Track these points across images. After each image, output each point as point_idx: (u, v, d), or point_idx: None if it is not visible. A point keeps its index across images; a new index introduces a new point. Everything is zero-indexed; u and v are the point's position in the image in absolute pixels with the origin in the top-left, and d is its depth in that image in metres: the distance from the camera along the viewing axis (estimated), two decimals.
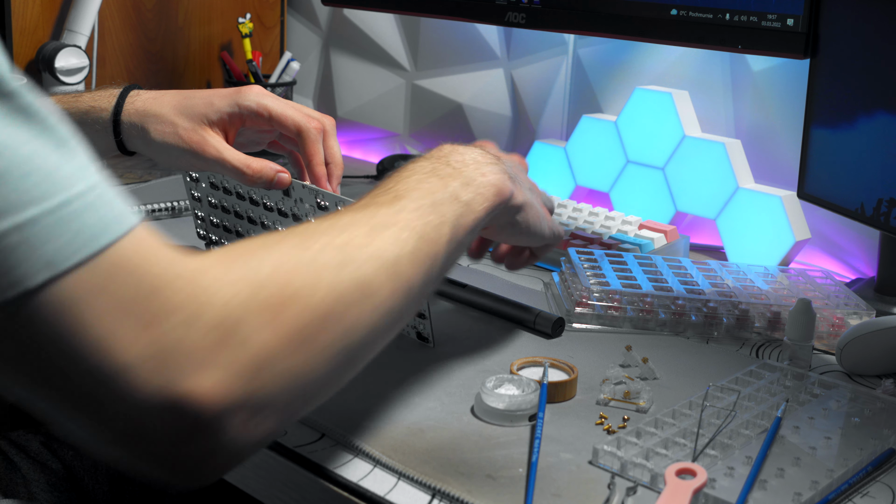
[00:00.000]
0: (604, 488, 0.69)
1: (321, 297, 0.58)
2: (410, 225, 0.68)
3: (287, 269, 0.57)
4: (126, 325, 0.50)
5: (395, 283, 0.64)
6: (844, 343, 0.90)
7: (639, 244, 1.17)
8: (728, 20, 1.08)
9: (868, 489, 0.71)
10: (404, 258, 0.66)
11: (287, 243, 0.60)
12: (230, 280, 0.54)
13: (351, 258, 0.62)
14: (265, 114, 0.98)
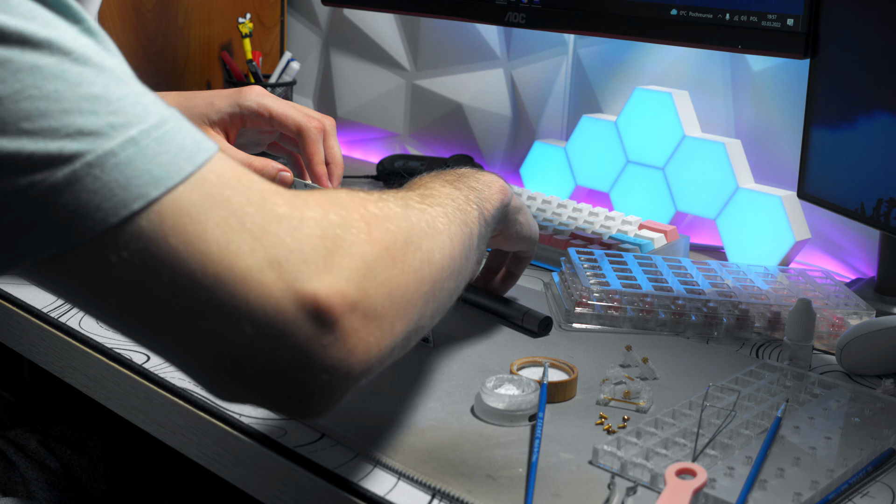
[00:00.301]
0: (604, 488, 0.69)
1: (398, 222, 0.62)
2: (446, 206, 0.72)
3: (365, 201, 0.61)
4: (241, 235, 0.51)
5: (452, 234, 0.69)
6: (844, 343, 0.90)
7: (639, 244, 1.17)
8: (728, 20, 1.08)
9: (868, 489, 0.71)
10: (453, 227, 0.70)
11: (387, 196, 0.65)
12: (322, 201, 0.57)
13: (410, 207, 0.66)
14: (266, 114, 0.98)
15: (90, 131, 0.48)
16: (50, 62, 0.48)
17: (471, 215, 0.76)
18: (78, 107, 0.48)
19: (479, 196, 0.80)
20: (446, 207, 0.73)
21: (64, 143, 0.47)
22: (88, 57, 0.49)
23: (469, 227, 0.74)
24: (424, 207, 0.69)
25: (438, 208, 0.71)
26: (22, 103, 0.47)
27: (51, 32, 0.48)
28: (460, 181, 0.81)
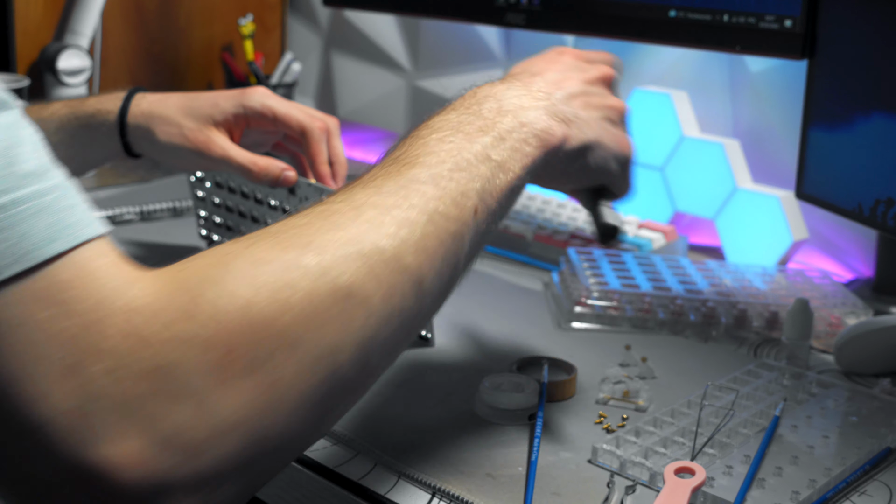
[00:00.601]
0: (603, 487, 0.70)
1: (286, 322, 0.49)
2: (420, 201, 0.58)
3: (244, 293, 0.48)
4: (47, 367, 0.43)
5: (395, 282, 0.55)
6: (842, 342, 0.91)
7: (638, 244, 1.18)
8: (726, 21, 1.08)
9: (865, 487, 0.72)
10: (409, 247, 0.56)
11: (251, 254, 0.51)
12: (172, 315, 0.46)
13: (331, 261, 0.52)
14: (270, 114, 0.98)
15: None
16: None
17: (464, 212, 0.60)
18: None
19: (493, 168, 0.63)
20: (428, 184, 0.59)
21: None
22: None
23: (454, 235, 0.59)
24: (371, 221, 0.55)
25: (405, 204, 0.57)
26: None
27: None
28: (475, 139, 0.64)
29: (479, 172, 0.62)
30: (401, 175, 0.60)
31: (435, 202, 0.59)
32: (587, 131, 0.72)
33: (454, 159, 0.62)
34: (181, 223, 1.26)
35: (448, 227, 0.59)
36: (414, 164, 0.61)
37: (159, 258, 1.17)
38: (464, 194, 0.60)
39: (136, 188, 1.40)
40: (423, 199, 0.58)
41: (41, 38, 1.51)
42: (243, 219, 1.09)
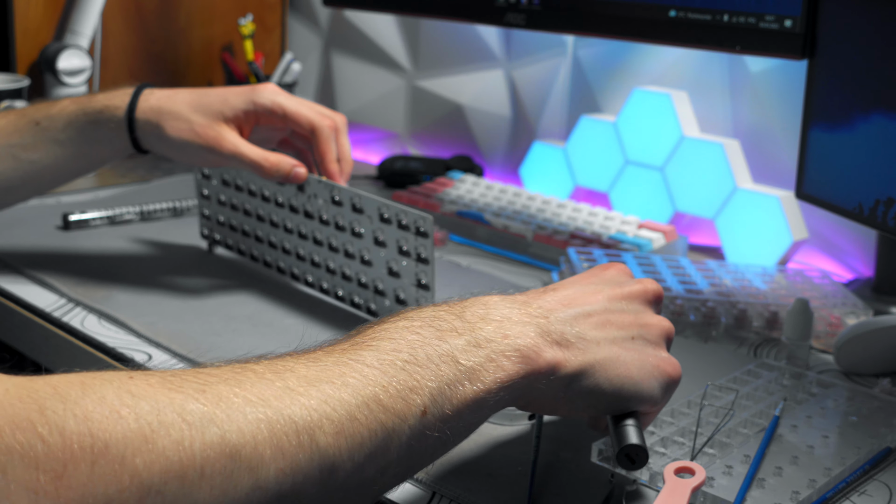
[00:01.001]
0: (603, 487, 0.70)
1: (142, 463, 0.43)
2: (359, 383, 0.52)
3: (99, 418, 0.43)
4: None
5: (299, 458, 0.48)
6: (842, 342, 0.91)
7: (638, 244, 1.18)
8: (726, 21, 1.08)
9: (865, 487, 0.72)
10: (328, 426, 0.49)
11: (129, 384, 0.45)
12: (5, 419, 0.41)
13: (222, 417, 0.46)
14: (280, 111, 0.98)
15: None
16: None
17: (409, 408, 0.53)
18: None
19: (459, 373, 0.56)
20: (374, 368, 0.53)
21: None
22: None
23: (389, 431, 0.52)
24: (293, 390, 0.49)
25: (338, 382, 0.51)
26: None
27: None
28: (446, 339, 0.57)
29: (439, 372, 0.55)
30: (345, 353, 0.54)
31: (375, 388, 0.52)
32: (593, 351, 0.63)
33: (414, 352, 0.55)
34: (181, 223, 1.26)
35: (385, 420, 0.52)
36: (366, 346, 0.55)
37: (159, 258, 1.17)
38: (413, 390, 0.54)
39: (136, 188, 1.40)
40: (363, 382, 0.52)
41: (41, 37, 1.51)
42: (248, 217, 1.09)
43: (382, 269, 0.94)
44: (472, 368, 0.57)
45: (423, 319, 0.58)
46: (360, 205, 0.95)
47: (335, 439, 0.50)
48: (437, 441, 0.55)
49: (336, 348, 0.55)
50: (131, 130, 0.99)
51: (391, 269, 0.93)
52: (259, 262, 1.11)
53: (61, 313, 0.97)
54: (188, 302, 0.99)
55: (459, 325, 0.59)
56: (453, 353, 0.57)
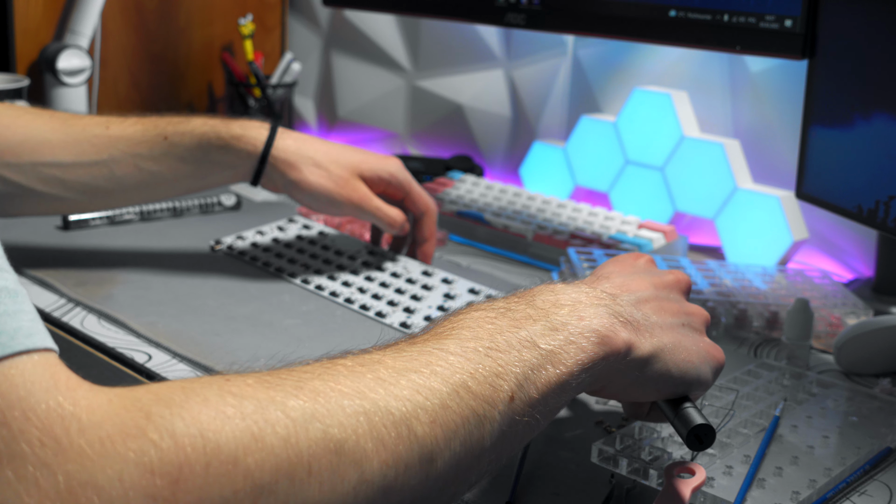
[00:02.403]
0: (603, 487, 0.70)
1: (254, 462, 0.44)
2: (446, 371, 0.52)
3: (208, 420, 0.43)
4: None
5: (400, 450, 0.48)
6: (842, 342, 0.91)
7: (638, 244, 1.18)
8: (726, 21, 1.08)
9: (866, 488, 0.72)
10: (424, 415, 0.50)
11: (228, 385, 0.46)
12: (114, 428, 0.41)
13: (323, 412, 0.47)
14: (407, 188, 1.07)
15: None
16: None
17: (498, 393, 0.54)
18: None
19: (540, 357, 0.56)
20: (459, 356, 0.53)
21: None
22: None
23: (480, 417, 0.53)
24: (384, 381, 0.50)
25: (427, 371, 0.52)
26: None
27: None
28: (522, 326, 0.58)
29: (522, 357, 0.56)
30: (427, 343, 0.54)
31: (462, 375, 0.53)
32: (661, 335, 0.64)
33: (493, 339, 0.56)
34: (181, 223, 1.26)
35: (475, 406, 0.52)
36: (446, 336, 0.55)
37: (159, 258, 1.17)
38: (499, 375, 0.54)
39: None
40: (450, 370, 0.53)
41: (41, 37, 1.51)
42: (268, 253, 1.13)
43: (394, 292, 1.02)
44: (553, 352, 0.57)
45: (496, 310, 0.59)
46: (429, 283, 1.04)
47: (431, 428, 0.50)
48: (526, 426, 0.56)
49: (417, 339, 0.55)
50: (262, 164, 1.02)
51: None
52: (259, 262, 1.11)
53: (61, 313, 0.97)
54: (188, 302, 0.99)
55: (533, 312, 0.59)
56: (532, 339, 0.57)
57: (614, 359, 0.60)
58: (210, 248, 1.16)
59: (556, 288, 0.63)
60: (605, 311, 0.61)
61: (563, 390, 0.57)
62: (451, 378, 0.52)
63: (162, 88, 1.67)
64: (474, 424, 0.52)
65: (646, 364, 0.62)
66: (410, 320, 0.96)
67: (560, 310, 0.60)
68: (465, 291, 1.02)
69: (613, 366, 0.61)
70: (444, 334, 0.55)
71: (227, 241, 1.17)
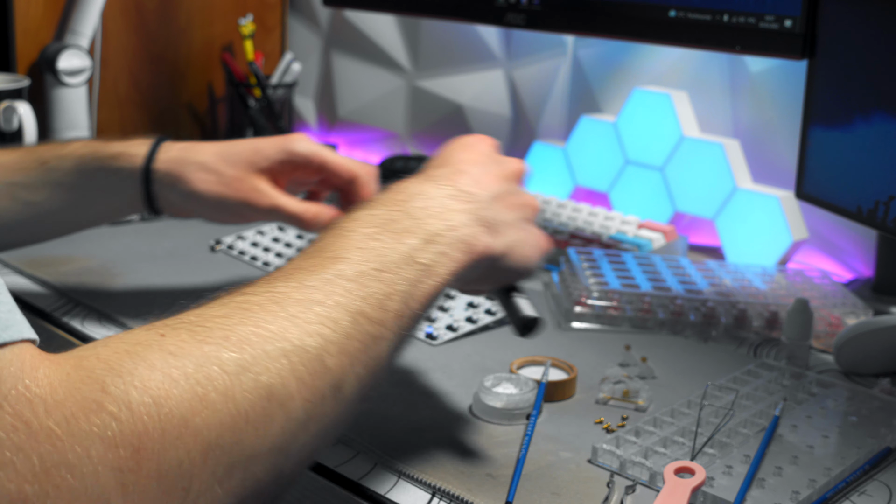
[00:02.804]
0: (603, 487, 0.70)
1: (202, 421, 0.46)
2: (344, 300, 0.56)
3: (153, 383, 0.45)
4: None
5: (317, 384, 0.52)
6: (842, 342, 0.91)
7: (638, 244, 1.18)
8: (726, 21, 1.08)
9: (865, 487, 0.72)
10: (332, 347, 0.54)
11: (166, 344, 0.48)
12: (75, 406, 0.43)
13: (254, 358, 0.50)
14: (318, 160, 0.92)
15: None
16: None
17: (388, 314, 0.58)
18: None
19: (419, 272, 0.61)
20: (353, 282, 0.56)
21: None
22: None
23: (376, 338, 0.57)
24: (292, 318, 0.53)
25: (328, 302, 0.55)
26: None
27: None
28: (402, 240, 0.62)
29: (405, 275, 0.60)
30: (325, 269, 0.57)
31: (359, 302, 0.56)
32: (509, 235, 0.70)
33: (381, 259, 0.60)
34: (181, 223, 1.26)
35: (371, 330, 0.57)
36: (339, 258, 0.58)
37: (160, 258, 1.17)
38: (389, 297, 0.58)
39: None
40: (348, 297, 0.56)
41: (41, 37, 1.51)
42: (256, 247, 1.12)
43: None
44: (429, 265, 0.62)
45: (377, 223, 0.63)
46: None
47: (339, 359, 0.54)
48: (408, 338, 0.61)
49: (314, 262, 0.58)
50: (147, 182, 0.91)
51: None
52: (259, 262, 1.11)
53: (61, 313, 0.97)
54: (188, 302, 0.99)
55: (410, 223, 0.63)
56: (412, 254, 0.62)
57: (477, 262, 0.67)
58: (210, 248, 1.16)
59: (425, 190, 0.67)
60: (470, 217, 0.67)
61: (434, 298, 0.63)
62: (350, 306, 0.56)
63: (162, 88, 1.67)
64: (372, 347, 0.56)
65: (496, 261, 0.69)
66: None
67: (433, 219, 0.65)
68: None
69: (475, 268, 0.67)
70: (338, 256, 0.58)
71: (227, 241, 1.17)
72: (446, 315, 0.97)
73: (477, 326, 0.95)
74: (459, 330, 0.94)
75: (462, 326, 0.95)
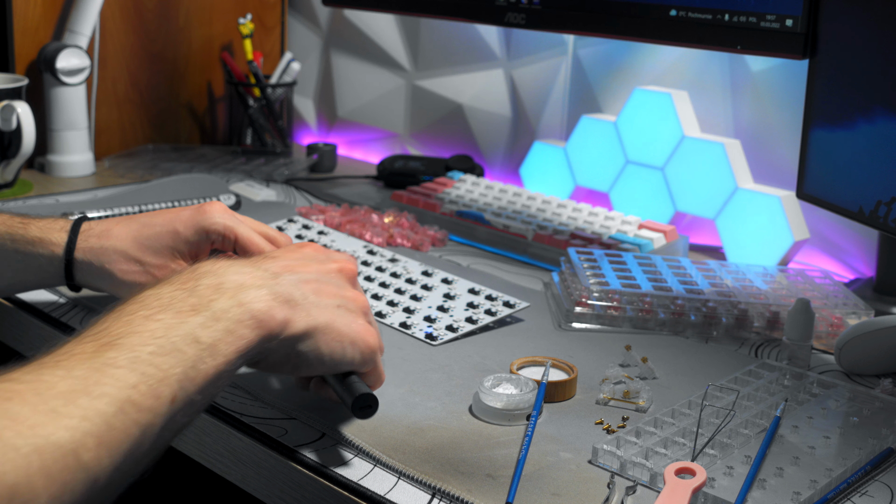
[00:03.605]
0: (603, 487, 0.69)
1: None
2: (112, 389, 0.54)
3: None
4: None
5: (67, 479, 0.51)
6: (843, 343, 0.90)
7: (638, 244, 1.17)
8: (727, 21, 1.08)
9: (867, 488, 0.72)
10: (90, 440, 0.52)
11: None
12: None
13: (3, 458, 0.49)
14: (231, 237, 0.89)
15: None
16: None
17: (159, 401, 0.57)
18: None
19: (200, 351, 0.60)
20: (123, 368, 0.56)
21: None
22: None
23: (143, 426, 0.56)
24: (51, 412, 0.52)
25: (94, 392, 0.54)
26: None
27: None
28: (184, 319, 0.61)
29: (183, 357, 0.59)
30: (97, 356, 0.56)
31: (129, 390, 0.55)
32: (316, 315, 0.69)
33: (158, 341, 0.59)
34: None
35: (139, 418, 0.55)
36: (113, 344, 0.57)
37: None
38: (162, 381, 0.57)
39: (135, 188, 1.40)
40: (116, 387, 0.55)
41: (40, 37, 1.50)
42: None
43: None
44: (213, 344, 0.61)
45: (161, 304, 0.62)
46: None
47: (96, 452, 0.52)
48: (185, 418, 0.60)
49: (86, 349, 0.57)
50: (68, 269, 0.89)
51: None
52: None
53: (61, 313, 0.97)
54: None
55: (195, 301, 0.63)
56: (194, 333, 0.61)
57: (269, 338, 0.65)
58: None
59: (219, 269, 0.66)
60: (266, 292, 0.66)
61: (221, 377, 0.62)
62: (117, 395, 0.54)
63: (161, 88, 1.66)
64: (137, 436, 0.55)
65: (299, 341, 0.68)
66: (410, 320, 0.96)
67: (221, 297, 0.64)
68: (465, 291, 1.02)
69: (267, 345, 0.66)
70: (112, 344, 0.57)
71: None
72: (446, 315, 0.97)
73: (477, 327, 0.95)
74: (459, 330, 0.94)
75: (462, 327, 0.95)
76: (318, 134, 1.83)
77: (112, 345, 0.57)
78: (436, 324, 0.95)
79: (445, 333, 0.94)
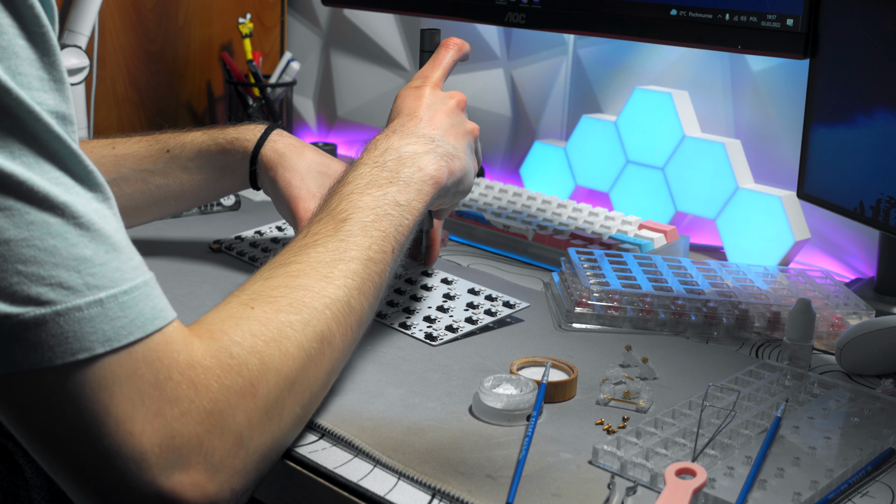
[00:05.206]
0: (604, 488, 0.69)
1: (290, 365, 0.66)
2: (357, 253, 0.75)
3: (258, 346, 0.64)
4: (143, 411, 0.57)
5: (349, 320, 0.72)
6: (844, 343, 0.90)
7: (639, 244, 1.17)
8: (728, 20, 1.08)
9: (867, 489, 0.71)
10: (355, 292, 0.73)
11: (254, 314, 0.66)
12: (218, 370, 0.61)
13: (310, 315, 0.68)
14: None
15: (68, 286, 0.55)
16: (58, 222, 0.55)
17: (386, 253, 0.77)
18: (66, 263, 0.55)
19: (401, 211, 0.80)
20: (359, 236, 0.75)
21: (44, 290, 0.54)
22: (92, 223, 0.56)
23: (380, 273, 0.76)
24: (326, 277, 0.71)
25: (346, 258, 0.73)
26: (24, 249, 0.54)
27: (68, 198, 0.56)
28: (385, 190, 0.81)
29: (393, 219, 0.79)
30: (338, 231, 0.76)
31: (367, 251, 0.75)
32: (464, 161, 0.90)
33: (374, 211, 0.78)
34: (181, 223, 1.26)
35: (376, 269, 0.76)
36: (346, 219, 0.77)
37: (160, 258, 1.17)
38: (385, 239, 0.77)
39: None
40: (359, 250, 0.75)
41: None
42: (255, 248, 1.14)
43: None
44: (408, 203, 0.81)
45: (364, 182, 0.81)
46: None
47: (359, 299, 0.73)
48: (400, 258, 0.81)
49: (328, 229, 0.76)
50: (252, 164, 1.04)
51: None
52: (258, 262, 1.11)
53: None
54: (187, 302, 0.99)
55: (387, 174, 0.82)
56: (395, 198, 0.81)
57: (444, 190, 0.86)
58: (209, 247, 1.16)
59: (394, 145, 0.85)
60: (434, 156, 0.86)
61: (414, 228, 0.82)
62: (361, 256, 0.75)
63: (160, 87, 1.66)
64: (378, 282, 0.76)
65: (456, 184, 0.89)
66: (410, 321, 0.96)
67: (404, 167, 0.83)
68: (465, 291, 1.01)
69: (442, 194, 0.87)
70: (346, 219, 0.77)
71: (226, 241, 1.17)
72: (446, 316, 0.97)
73: (477, 327, 0.95)
74: (459, 330, 0.94)
75: (462, 327, 0.94)
76: (318, 134, 1.83)
77: (345, 220, 0.77)
78: (436, 324, 0.95)
79: (445, 334, 0.94)
